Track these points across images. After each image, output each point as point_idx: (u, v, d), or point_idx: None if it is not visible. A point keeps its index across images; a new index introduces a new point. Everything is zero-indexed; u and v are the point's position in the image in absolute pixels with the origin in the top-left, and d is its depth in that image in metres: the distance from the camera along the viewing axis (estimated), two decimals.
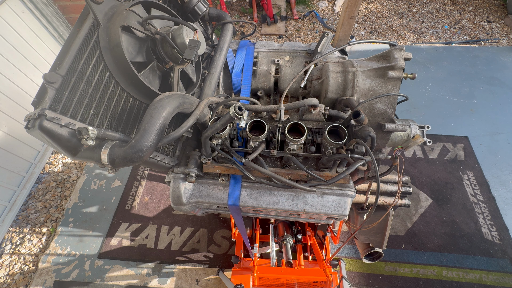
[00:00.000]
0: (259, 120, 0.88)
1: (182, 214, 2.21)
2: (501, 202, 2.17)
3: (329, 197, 0.95)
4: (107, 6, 0.77)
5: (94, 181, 2.43)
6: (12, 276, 2.01)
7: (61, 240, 2.14)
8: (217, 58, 1.08)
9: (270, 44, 1.27)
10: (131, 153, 0.64)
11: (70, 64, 0.66)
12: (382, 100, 1.01)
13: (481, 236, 2.03)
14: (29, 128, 0.60)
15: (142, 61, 0.85)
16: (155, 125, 0.67)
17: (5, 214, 2.23)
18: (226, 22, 1.16)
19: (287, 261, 1.45)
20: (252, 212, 1.04)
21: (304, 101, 0.89)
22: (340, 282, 1.23)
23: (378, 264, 1.93)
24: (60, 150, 0.65)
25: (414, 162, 2.41)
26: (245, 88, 1.15)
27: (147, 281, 1.93)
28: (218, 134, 0.89)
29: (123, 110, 0.81)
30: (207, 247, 2.05)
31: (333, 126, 0.85)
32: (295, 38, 3.48)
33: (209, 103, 0.86)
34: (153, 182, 2.40)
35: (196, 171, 0.93)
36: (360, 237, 1.26)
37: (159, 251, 2.05)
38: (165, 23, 0.93)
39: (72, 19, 2.67)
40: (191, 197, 0.97)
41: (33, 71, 2.35)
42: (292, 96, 1.24)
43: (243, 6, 3.76)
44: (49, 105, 0.61)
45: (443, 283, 1.85)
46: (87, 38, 0.71)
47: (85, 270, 2.00)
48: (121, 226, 2.18)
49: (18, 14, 2.19)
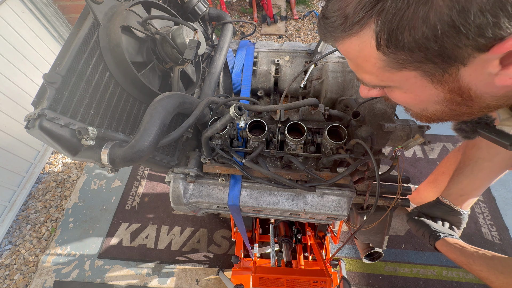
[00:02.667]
0: (259, 120, 0.88)
1: (182, 214, 2.21)
2: (501, 202, 2.16)
3: (329, 197, 0.95)
4: (107, 6, 0.77)
5: (94, 181, 2.43)
6: (12, 276, 2.01)
7: (61, 240, 2.14)
8: (217, 58, 1.08)
9: (270, 44, 1.27)
10: (131, 153, 0.64)
11: (70, 64, 0.66)
12: (382, 100, 1.01)
13: (481, 236, 2.03)
14: (29, 128, 0.60)
15: (142, 61, 0.85)
16: (155, 125, 0.67)
17: (5, 214, 2.23)
18: (226, 22, 1.16)
19: (287, 261, 1.46)
20: (252, 212, 1.04)
21: (304, 101, 0.89)
22: (340, 282, 1.23)
23: (378, 264, 1.93)
24: (60, 150, 0.65)
25: (414, 162, 2.41)
26: (245, 88, 1.15)
27: (147, 281, 1.93)
28: (218, 134, 0.89)
29: (123, 110, 0.81)
30: (207, 247, 2.05)
31: (333, 126, 0.85)
32: (295, 38, 3.48)
33: (209, 103, 0.86)
34: (153, 182, 2.40)
35: (196, 171, 0.93)
36: (360, 237, 1.26)
37: (159, 251, 2.05)
38: (165, 23, 0.93)
39: (72, 19, 2.67)
40: (191, 197, 0.97)
41: (33, 71, 2.35)
42: (292, 96, 1.24)
43: (243, 6, 3.76)
44: (49, 105, 0.61)
45: (443, 283, 1.85)
46: (87, 38, 0.71)
47: (85, 270, 2.00)
48: (121, 226, 2.18)
49: (18, 14, 2.19)
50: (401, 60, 0.37)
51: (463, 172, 1.03)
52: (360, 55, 0.42)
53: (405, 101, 0.49)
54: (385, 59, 0.39)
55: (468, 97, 0.41)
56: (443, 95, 0.42)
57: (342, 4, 0.39)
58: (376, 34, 0.36)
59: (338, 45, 0.45)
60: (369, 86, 0.52)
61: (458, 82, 0.38)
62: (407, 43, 0.34)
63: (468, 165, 1.02)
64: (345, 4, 0.39)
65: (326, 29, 0.43)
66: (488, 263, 0.76)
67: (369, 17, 0.36)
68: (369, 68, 0.43)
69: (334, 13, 0.40)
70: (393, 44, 0.36)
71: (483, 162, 0.99)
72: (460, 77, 0.38)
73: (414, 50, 0.35)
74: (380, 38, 0.36)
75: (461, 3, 0.29)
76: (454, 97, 0.42)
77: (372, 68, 0.42)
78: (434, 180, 1.64)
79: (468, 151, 1.03)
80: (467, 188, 1.02)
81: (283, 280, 1.15)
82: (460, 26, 0.30)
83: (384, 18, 0.34)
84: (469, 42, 0.32)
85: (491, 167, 0.99)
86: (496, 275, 0.73)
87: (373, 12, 0.35)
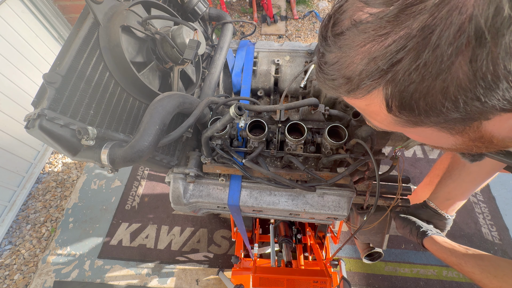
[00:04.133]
0: (259, 120, 0.88)
1: (182, 214, 2.21)
2: (501, 202, 2.16)
3: (329, 197, 0.95)
4: (107, 6, 0.77)
5: (94, 181, 2.43)
6: (12, 276, 2.01)
7: (61, 240, 2.14)
8: (217, 58, 1.08)
9: (270, 44, 1.27)
10: (131, 153, 0.64)
11: (70, 64, 0.66)
12: None
13: (481, 236, 2.03)
14: (29, 128, 0.60)
15: (142, 61, 0.85)
16: (155, 125, 0.67)
17: (5, 214, 2.23)
18: (226, 22, 1.16)
19: (287, 261, 1.46)
20: (252, 212, 1.04)
21: (304, 101, 0.89)
22: (340, 282, 1.23)
23: (378, 264, 1.93)
24: (60, 150, 0.65)
25: (414, 162, 2.41)
26: (245, 88, 1.15)
27: (147, 281, 1.93)
28: (218, 134, 0.88)
29: (123, 110, 0.81)
30: (207, 247, 2.05)
31: (333, 126, 0.85)
32: (295, 38, 3.48)
33: (209, 103, 0.86)
34: (153, 182, 2.40)
35: (196, 171, 0.93)
36: (360, 237, 1.26)
37: (159, 251, 2.05)
38: (165, 23, 0.93)
39: (72, 19, 2.67)
40: (191, 197, 0.97)
41: (33, 71, 2.35)
42: (292, 96, 1.24)
43: (243, 6, 3.76)
44: (49, 105, 0.61)
45: (443, 283, 1.85)
46: (87, 38, 0.71)
47: (85, 270, 2.00)
48: (121, 226, 2.18)
49: (18, 14, 2.19)
50: (416, 121, 0.33)
51: (450, 176, 1.04)
52: (368, 109, 0.38)
53: (421, 141, 0.46)
54: (397, 119, 0.34)
55: (490, 142, 0.38)
56: (462, 141, 0.39)
57: (341, 62, 0.34)
58: (386, 100, 0.32)
59: (343, 97, 0.40)
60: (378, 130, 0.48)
61: (480, 133, 0.35)
62: (423, 111, 0.30)
63: (456, 169, 1.03)
64: (345, 65, 0.33)
65: (326, 84, 0.39)
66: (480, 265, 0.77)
67: (377, 85, 0.32)
68: (380, 119, 0.39)
69: (333, 71, 0.35)
70: (407, 111, 0.32)
71: (471, 166, 0.99)
72: (482, 128, 0.34)
73: (431, 115, 0.31)
74: (391, 104, 0.32)
75: (487, 80, 0.25)
76: (475, 143, 0.39)
77: (383, 121, 0.38)
78: (430, 182, 1.64)
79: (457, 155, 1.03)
80: (454, 192, 1.02)
81: (283, 280, 1.15)
82: (487, 100, 0.27)
83: (396, 88, 0.30)
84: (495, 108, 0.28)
85: (479, 172, 0.99)
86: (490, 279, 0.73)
87: (382, 81, 0.31)
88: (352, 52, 0.32)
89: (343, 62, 0.33)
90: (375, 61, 0.30)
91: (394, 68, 0.29)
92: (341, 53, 0.33)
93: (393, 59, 0.28)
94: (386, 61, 0.29)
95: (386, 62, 0.29)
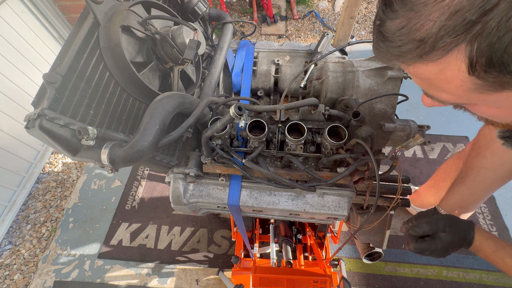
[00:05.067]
0: (259, 120, 0.88)
1: (182, 214, 2.21)
2: (501, 202, 2.16)
3: (329, 197, 0.95)
4: (107, 6, 0.77)
5: (94, 181, 2.43)
6: (12, 276, 2.01)
7: (61, 240, 2.14)
8: (217, 58, 1.08)
9: (270, 44, 1.27)
10: (131, 153, 0.64)
11: (70, 64, 0.66)
12: (382, 100, 1.01)
13: None
14: (29, 128, 0.60)
15: (142, 61, 0.85)
16: (155, 125, 0.67)
17: (5, 214, 2.23)
18: (226, 22, 1.16)
19: (287, 261, 1.46)
20: (252, 212, 1.04)
21: (304, 101, 0.89)
22: (340, 282, 1.23)
23: (378, 264, 1.93)
24: (60, 150, 0.65)
25: (414, 162, 2.41)
26: (245, 88, 1.15)
27: (147, 281, 1.93)
28: (218, 134, 0.88)
29: (123, 110, 0.81)
30: (207, 247, 2.05)
31: (333, 126, 0.85)
32: (295, 38, 3.48)
33: (209, 103, 0.86)
34: (153, 182, 2.40)
35: (196, 171, 0.93)
36: (360, 237, 1.26)
37: (159, 251, 2.05)
38: (165, 23, 0.93)
39: (72, 19, 2.67)
40: (191, 197, 0.97)
41: (33, 71, 2.35)
42: (292, 96, 1.24)
43: (243, 6, 3.76)
44: (49, 105, 0.61)
45: (443, 283, 1.85)
46: (87, 38, 0.71)
47: (85, 270, 2.00)
48: (121, 226, 2.18)
49: (18, 14, 2.19)
50: (504, 82, 0.31)
51: (464, 182, 0.98)
52: (438, 77, 0.35)
53: (494, 115, 0.43)
54: (480, 83, 0.32)
55: None
56: None
57: (411, 25, 0.32)
58: (469, 59, 0.30)
59: (405, 67, 0.38)
60: (443, 104, 0.44)
61: None
62: None
63: (470, 175, 0.96)
64: (417, 26, 0.31)
65: (389, 52, 0.36)
66: None
67: (459, 42, 0.29)
68: (451, 89, 0.36)
69: (400, 36, 0.33)
70: (497, 69, 0.29)
71: (486, 172, 0.93)
72: None
73: None
74: (475, 63, 0.29)
75: None
76: None
77: (456, 90, 0.36)
78: (434, 185, 1.62)
79: (471, 159, 0.98)
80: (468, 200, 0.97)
81: (283, 280, 1.15)
82: None
83: (485, 42, 0.27)
84: None
85: (495, 178, 0.93)
86: None
87: (466, 37, 0.28)
88: (427, 10, 0.30)
89: (414, 23, 0.31)
90: (460, 12, 0.27)
91: (486, 17, 0.26)
92: (412, 14, 0.31)
93: (487, 5, 0.25)
94: (476, 9, 0.26)
95: (476, 11, 0.26)
